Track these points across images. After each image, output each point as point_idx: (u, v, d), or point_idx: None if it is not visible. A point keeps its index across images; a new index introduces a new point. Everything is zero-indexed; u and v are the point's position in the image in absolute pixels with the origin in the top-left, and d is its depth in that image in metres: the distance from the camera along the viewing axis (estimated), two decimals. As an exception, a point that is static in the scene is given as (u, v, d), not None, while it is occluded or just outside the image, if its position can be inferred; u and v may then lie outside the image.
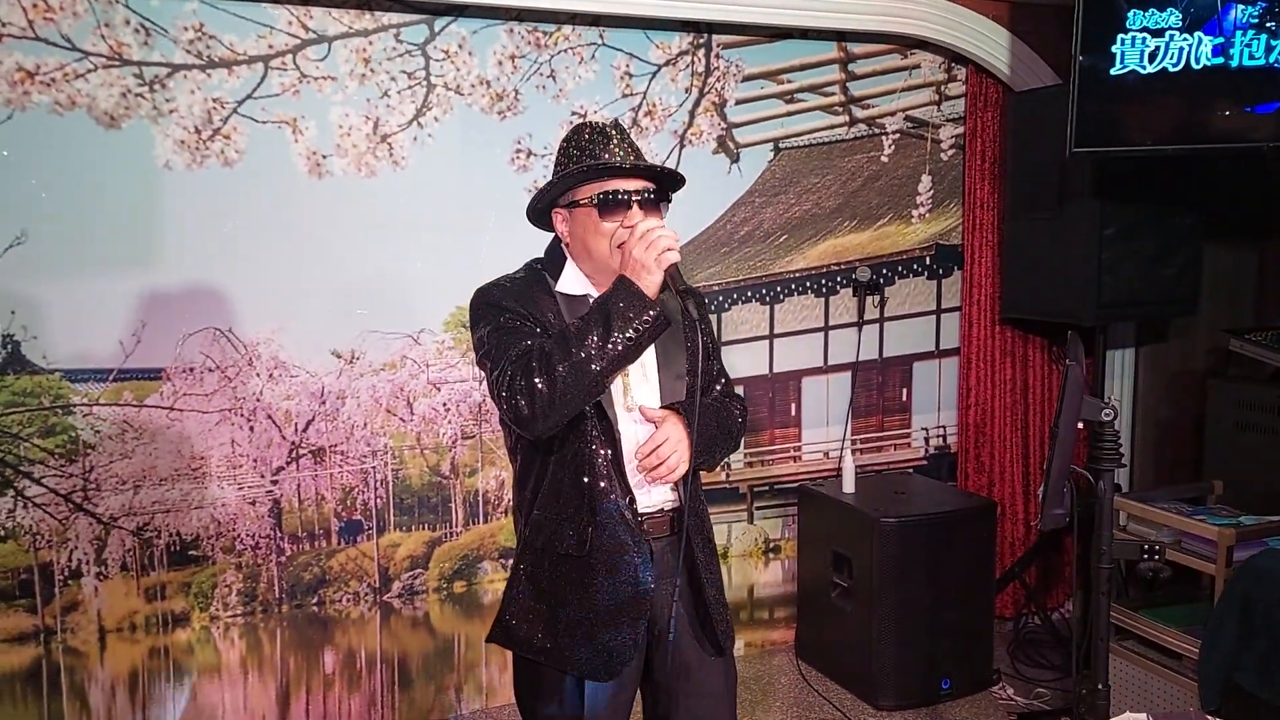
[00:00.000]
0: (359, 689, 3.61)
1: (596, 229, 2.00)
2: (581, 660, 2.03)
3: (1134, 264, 3.81)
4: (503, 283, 2.10)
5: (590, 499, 2.01)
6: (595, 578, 2.01)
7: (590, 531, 2.00)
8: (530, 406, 1.86)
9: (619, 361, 1.87)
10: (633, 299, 1.85)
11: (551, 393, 1.85)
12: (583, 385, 1.86)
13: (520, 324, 2.00)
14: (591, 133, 2.05)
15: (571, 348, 1.85)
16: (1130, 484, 4.54)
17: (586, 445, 2.01)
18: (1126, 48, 3.22)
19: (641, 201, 2.00)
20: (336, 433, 3.49)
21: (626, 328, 1.84)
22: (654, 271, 1.86)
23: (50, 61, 3.03)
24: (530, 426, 1.90)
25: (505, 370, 1.91)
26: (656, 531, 2.08)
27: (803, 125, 4.08)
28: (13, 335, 3.08)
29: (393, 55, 3.41)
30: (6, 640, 3.15)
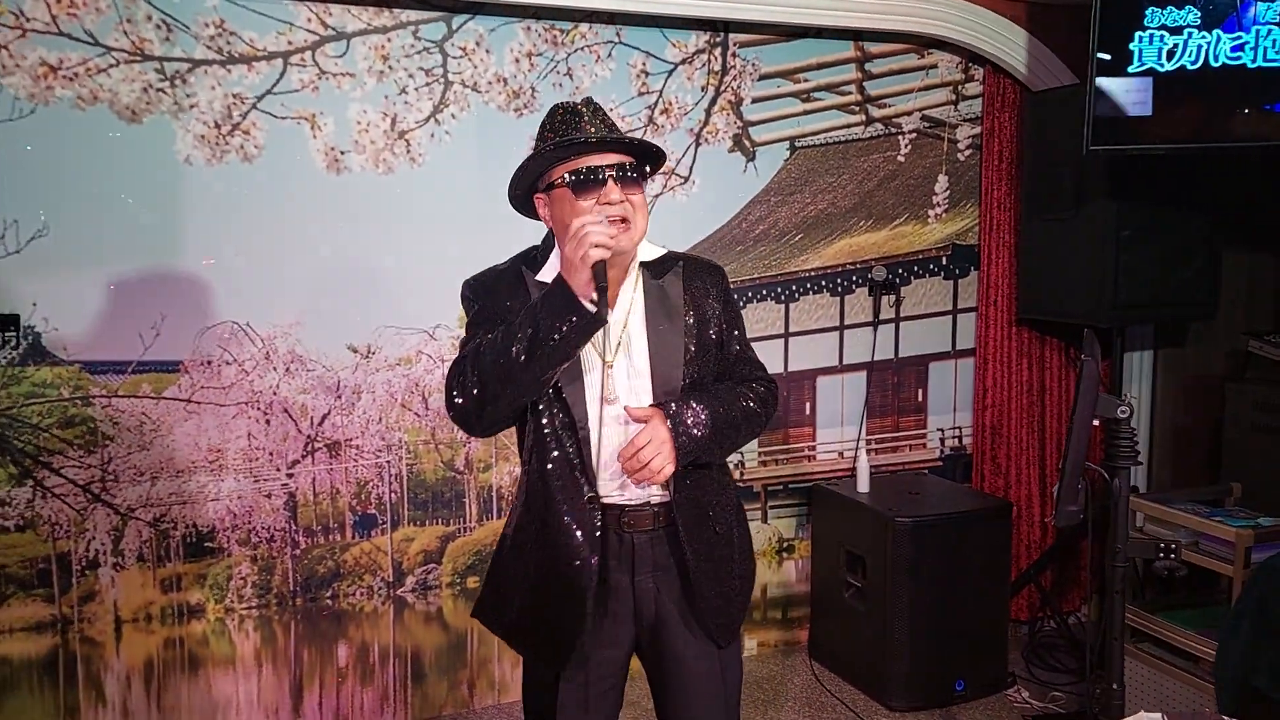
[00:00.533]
0: (372, 683, 3.62)
1: (574, 209, 1.92)
2: (532, 644, 2.10)
3: (1151, 265, 3.79)
4: (482, 273, 2.11)
5: (546, 492, 2.01)
6: (544, 566, 2.03)
7: (536, 525, 2.03)
8: (464, 408, 1.88)
9: (547, 362, 1.84)
10: (561, 299, 1.81)
11: (482, 393, 1.85)
12: (514, 385, 1.85)
13: (485, 319, 2.00)
14: (564, 113, 1.99)
15: (503, 347, 1.84)
16: (1148, 488, 4.51)
17: (542, 439, 2.00)
18: (1144, 45, 3.21)
19: (618, 176, 1.92)
20: (352, 427, 3.51)
21: (553, 330, 1.80)
22: (581, 269, 1.80)
23: (73, 56, 3.07)
24: (466, 425, 1.93)
25: (452, 367, 1.92)
26: (639, 525, 2.05)
27: (819, 124, 4.08)
28: (34, 326, 3.11)
29: (411, 52, 3.43)
30: (24, 629, 3.18)
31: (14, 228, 3.05)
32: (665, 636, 2.10)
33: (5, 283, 3.06)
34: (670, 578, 2.09)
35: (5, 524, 3.13)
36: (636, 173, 1.97)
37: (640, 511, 2.05)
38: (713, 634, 2.11)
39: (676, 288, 2.09)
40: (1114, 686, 2.65)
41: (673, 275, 2.10)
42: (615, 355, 2.01)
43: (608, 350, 2.01)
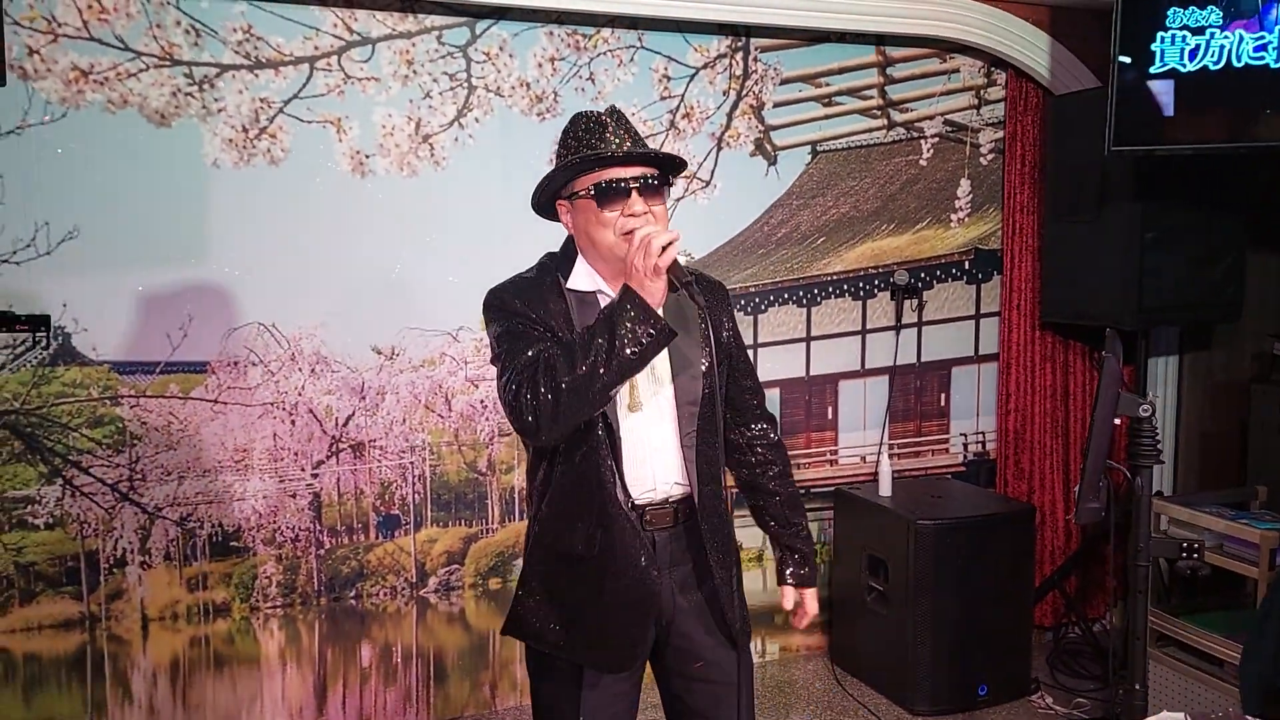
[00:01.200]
0: (395, 683, 3.64)
1: (598, 219, 1.96)
2: (595, 655, 2.06)
3: (1176, 268, 3.77)
4: (515, 282, 2.09)
5: (599, 502, 2.01)
6: (605, 579, 2.02)
7: (599, 534, 2.01)
8: (535, 418, 1.86)
9: (624, 373, 1.86)
10: (637, 311, 1.82)
11: (556, 406, 1.84)
12: (587, 398, 1.85)
13: (528, 327, 1.99)
14: (588, 122, 2.01)
15: (576, 360, 1.83)
16: (1173, 493, 4.47)
17: (593, 450, 2.00)
18: (1166, 46, 3.20)
19: (641, 188, 1.95)
20: (376, 428, 3.54)
21: (632, 341, 1.81)
22: (656, 278, 1.83)
23: (104, 61, 3.12)
24: (535, 437, 1.91)
25: (512, 380, 1.91)
26: (659, 523, 2.07)
27: (840, 128, 4.09)
28: (64, 327, 3.16)
29: (435, 57, 3.47)
30: (53, 626, 3.22)
31: (45, 230, 3.11)
32: (684, 631, 2.11)
33: (36, 284, 3.11)
34: (686, 575, 2.11)
35: (35, 522, 3.18)
36: (658, 182, 2.00)
37: (661, 509, 2.06)
38: (732, 632, 2.12)
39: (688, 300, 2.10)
40: (1136, 687, 2.63)
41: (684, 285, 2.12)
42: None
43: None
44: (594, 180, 1.96)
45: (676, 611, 2.11)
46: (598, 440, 1.99)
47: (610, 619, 2.03)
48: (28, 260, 3.09)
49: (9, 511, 3.15)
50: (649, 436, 2.04)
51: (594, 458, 1.99)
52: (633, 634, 2.04)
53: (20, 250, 3.09)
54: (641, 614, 2.04)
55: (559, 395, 1.83)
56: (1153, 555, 2.66)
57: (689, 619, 2.11)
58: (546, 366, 1.86)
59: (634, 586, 2.02)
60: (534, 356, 1.90)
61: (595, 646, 2.05)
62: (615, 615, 2.03)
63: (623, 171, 1.95)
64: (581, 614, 2.05)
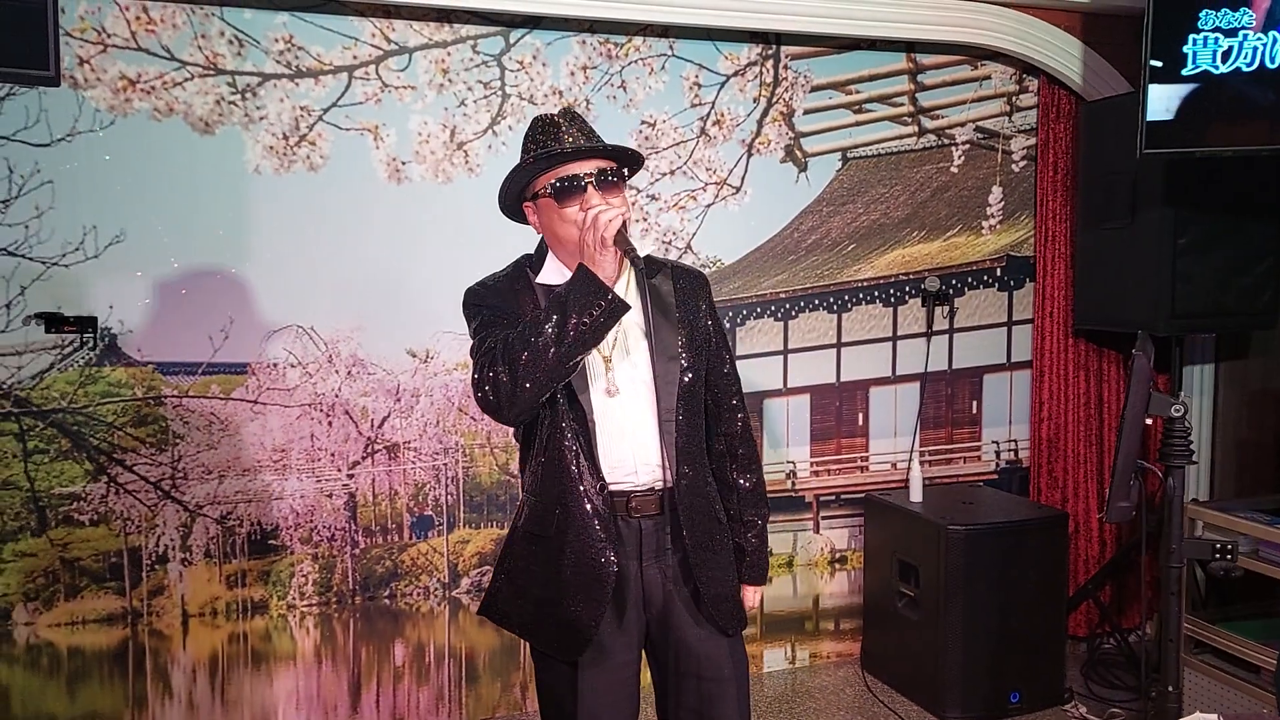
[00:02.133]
0: (428, 682, 3.68)
1: (560, 217, 2.03)
2: (549, 637, 2.10)
3: (1211, 274, 3.75)
4: (486, 281, 2.18)
5: (560, 482, 2.06)
6: (562, 558, 2.06)
7: (557, 513, 2.06)
8: (495, 395, 1.93)
9: (577, 346, 1.91)
10: (587, 285, 1.89)
11: (513, 381, 1.90)
12: (542, 372, 1.90)
13: (498, 319, 2.05)
14: (543, 124, 2.09)
15: (530, 336, 1.90)
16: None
17: (558, 431, 2.05)
18: (1198, 48, 3.20)
19: (597, 182, 2.02)
20: (410, 429, 3.60)
21: (583, 314, 1.88)
22: (604, 250, 1.90)
23: (150, 70, 3.22)
24: (498, 414, 1.98)
25: (475, 364, 1.99)
26: (645, 510, 2.09)
27: (871, 135, 4.11)
28: (110, 328, 3.25)
29: (470, 66, 3.54)
30: (96, 621, 3.30)
31: (93, 233, 3.20)
32: (673, 624, 2.13)
33: (83, 286, 3.20)
34: (677, 565, 2.13)
35: (80, 518, 3.26)
36: (616, 176, 2.06)
37: (646, 497, 2.10)
38: (718, 621, 2.13)
39: (667, 286, 2.18)
40: (1170, 689, 2.61)
41: (663, 275, 2.20)
42: (614, 350, 2.09)
43: (606, 345, 2.06)
44: (551, 179, 2.04)
45: (667, 602, 2.12)
46: (566, 423, 2.04)
47: (564, 599, 2.06)
48: (76, 263, 3.19)
49: (55, 508, 3.24)
50: (627, 419, 2.08)
51: (561, 441, 2.05)
52: (584, 616, 2.05)
53: (69, 253, 3.18)
54: (595, 596, 2.05)
55: (515, 371, 1.90)
56: (1186, 557, 2.65)
57: (679, 611, 2.12)
58: (505, 347, 1.93)
59: (588, 567, 2.05)
60: (495, 340, 1.97)
61: (552, 627, 2.09)
62: (569, 596, 2.06)
63: (578, 168, 2.02)
64: (538, 594, 2.09)
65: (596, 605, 2.05)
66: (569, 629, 2.07)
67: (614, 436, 2.07)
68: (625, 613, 2.11)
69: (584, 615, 2.05)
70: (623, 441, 2.08)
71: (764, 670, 4.14)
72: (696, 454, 2.16)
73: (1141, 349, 2.45)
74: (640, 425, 2.08)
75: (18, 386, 3.18)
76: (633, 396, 2.08)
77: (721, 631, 2.14)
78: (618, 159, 2.09)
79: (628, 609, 2.11)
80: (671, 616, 2.12)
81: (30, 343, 3.18)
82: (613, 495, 2.07)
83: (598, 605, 2.05)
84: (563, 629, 2.07)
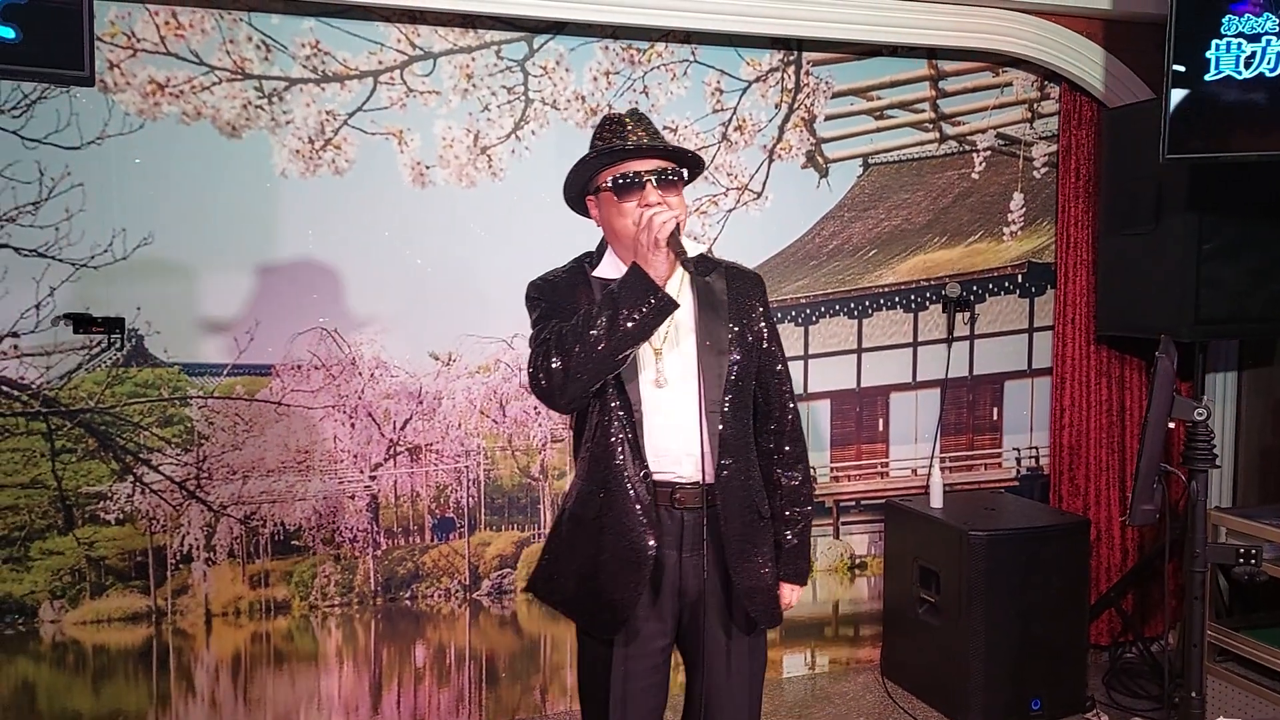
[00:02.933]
0: (448, 684, 3.70)
1: (619, 210, 2.13)
2: (588, 614, 2.20)
3: (1235, 279, 3.73)
4: (548, 275, 2.28)
5: (606, 467, 2.14)
6: (603, 539, 2.14)
7: (601, 497, 2.14)
8: (548, 382, 2.04)
9: (625, 341, 2.00)
10: (638, 283, 1.99)
11: (565, 370, 2.01)
12: (593, 362, 2.00)
13: (555, 312, 2.15)
14: (610, 122, 2.20)
15: (582, 329, 2.01)
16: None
17: (606, 419, 2.13)
18: (1221, 53, 3.20)
19: (657, 180, 2.10)
20: (432, 432, 3.62)
21: (633, 310, 1.98)
22: (657, 251, 1.99)
23: (179, 75, 3.26)
24: (549, 401, 2.09)
25: (532, 352, 2.10)
26: (688, 503, 2.16)
27: (892, 141, 4.12)
28: (137, 329, 3.29)
29: (494, 71, 3.57)
30: (121, 619, 3.33)
31: (121, 235, 3.24)
32: (703, 614, 2.19)
33: (112, 287, 3.24)
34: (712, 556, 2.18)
35: (107, 517, 3.30)
36: (675, 176, 2.15)
37: (690, 489, 2.16)
38: (750, 615, 2.20)
39: (720, 284, 2.25)
40: (1193, 695, 2.60)
41: (716, 274, 2.27)
42: (664, 342, 2.16)
43: (657, 338, 2.13)
44: (613, 174, 2.13)
45: (702, 593, 2.18)
46: (614, 412, 2.13)
47: (603, 580, 2.14)
48: (105, 265, 3.23)
49: (82, 507, 3.27)
50: (674, 410, 2.14)
51: (609, 428, 2.13)
52: (620, 597, 2.13)
53: (98, 255, 3.22)
54: (631, 579, 2.12)
55: (567, 361, 2.01)
56: (1209, 561, 2.64)
57: (713, 601, 2.19)
58: (558, 337, 2.04)
59: (627, 551, 2.12)
60: (550, 331, 2.08)
61: (590, 605, 2.17)
62: (607, 577, 2.14)
63: (639, 165, 2.11)
64: (581, 572, 2.17)
65: (633, 588, 2.12)
66: (606, 608, 2.15)
67: (660, 426, 2.14)
68: (661, 600, 2.18)
69: (620, 597, 2.13)
70: (668, 431, 2.15)
71: (784, 675, 4.13)
72: (741, 448, 2.21)
73: (1165, 351, 2.45)
74: (687, 416, 2.14)
75: (46, 386, 3.22)
76: (681, 388, 2.15)
77: (749, 627, 2.21)
78: (678, 159, 2.17)
79: (664, 596, 2.18)
80: (703, 606, 2.19)
81: (59, 343, 3.22)
82: (656, 485, 2.15)
83: (634, 588, 2.12)
84: (601, 608, 2.16)
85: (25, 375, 3.20)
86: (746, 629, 2.22)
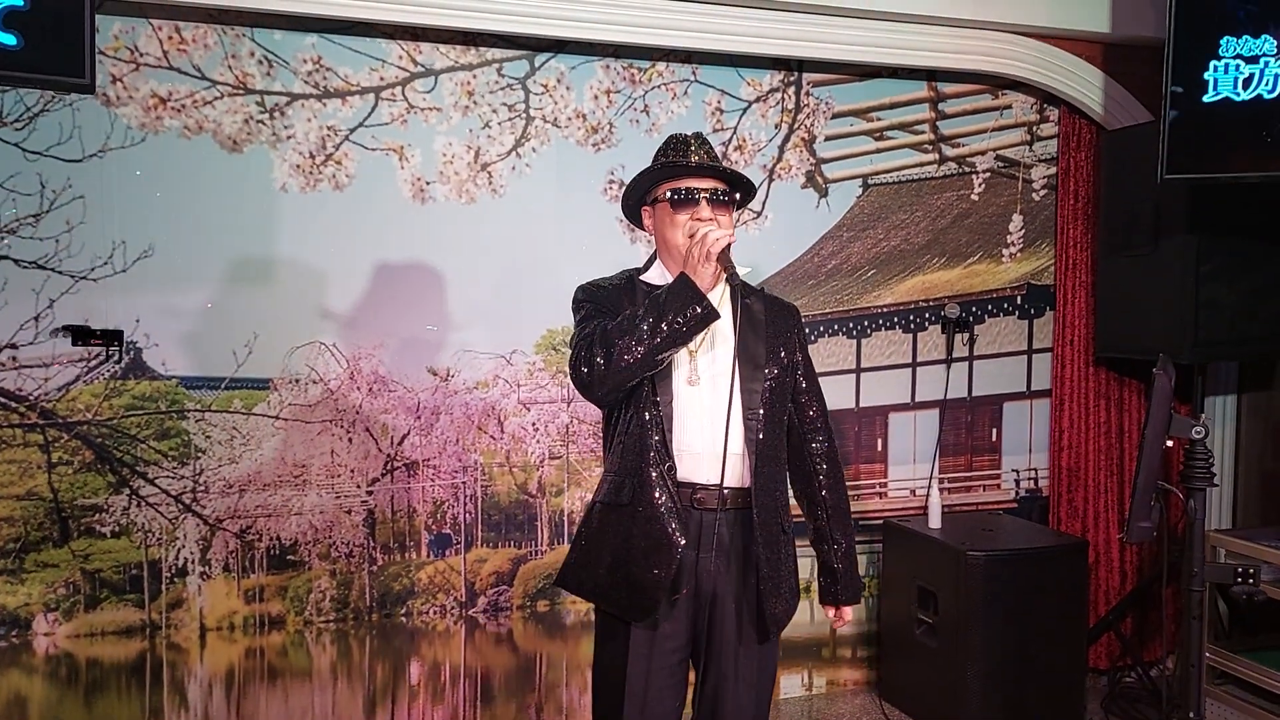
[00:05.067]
0: (443, 701, 3.67)
1: (671, 221, 2.29)
2: (620, 599, 2.26)
3: (1235, 301, 3.74)
4: (598, 281, 2.41)
5: (638, 457, 2.24)
6: (635, 524, 2.23)
7: (633, 484, 2.24)
8: (590, 375, 2.16)
9: (666, 344, 2.12)
10: (685, 291, 2.11)
11: (606, 365, 2.13)
12: (634, 360, 2.12)
13: (601, 312, 2.28)
14: (676, 141, 2.36)
15: (627, 328, 2.13)
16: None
17: (640, 412, 2.25)
18: (1220, 74, 3.21)
19: (711, 199, 2.26)
20: (430, 447, 3.62)
21: (676, 315, 2.10)
22: (707, 264, 2.12)
23: (181, 89, 3.28)
24: (588, 392, 2.19)
25: (575, 346, 2.22)
26: (706, 504, 2.24)
27: (892, 162, 4.14)
28: (136, 342, 3.29)
29: (495, 88, 3.59)
30: (115, 632, 3.32)
31: (122, 248, 3.25)
32: (719, 617, 2.27)
33: (111, 300, 3.25)
34: (731, 561, 2.27)
35: (102, 530, 3.29)
36: (727, 197, 2.31)
37: (710, 491, 2.24)
38: (765, 622, 2.27)
39: (759, 307, 2.39)
40: (1191, 715, 2.58)
41: (756, 298, 2.40)
42: (700, 344, 2.28)
43: (694, 341, 2.23)
44: (672, 187, 2.29)
45: (719, 595, 2.26)
46: (647, 406, 2.23)
47: (634, 562, 2.22)
48: (104, 277, 3.24)
49: (78, 519, 3.26)
50: (703, 409, 2.25)
51: (642, 420, 2.24)
52: (649, 580, 2.21)
53: (98, 267, 3.23)
54: (663, 561, 2.20)
55: (610, 356, 2.12)
56: (1207, 580, 2.63)
57: (728, 606, 2.27)
58: (603, 333, 2.17)
59: (658, 532, 2.20)
60: (595, 327, 2.21)
61: (623, 590, 2.24)
62: (639, 559, 2.21)
63: (696, 183, 2.28)
64: (613, 557, 2.25)
65: (665, 569, 2.20)
66: (638, 591, 2.22)
67: (688, 423, 2.25)
68: (679, 600, 2.25)
69: (651, 579, 2.21)
70: (695, 429, 2.25)
71: (781, 697, 4.10)
72: (773, 459, 2.33)
73: (1163, 368, 2.44)
74: (714, 417, 2.22)
75: (44, 398, 3.22)
76: (712, 388, 2.26)
77: (761, 635, 2.29)
78: (732, 183, 2.32)
79: (682, 597, 2.26)
80: (720, 609, 2.27)
81: (57, 355, 3.23)
82: (679, 484, 2.24)
83: (666, 569, 2.20)
84: (632, 591, 2.23)
85: (23, 387, 3.20)
86: (759, 637, 2.29)
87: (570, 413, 3.75)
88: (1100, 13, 4.01)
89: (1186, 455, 2.62)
